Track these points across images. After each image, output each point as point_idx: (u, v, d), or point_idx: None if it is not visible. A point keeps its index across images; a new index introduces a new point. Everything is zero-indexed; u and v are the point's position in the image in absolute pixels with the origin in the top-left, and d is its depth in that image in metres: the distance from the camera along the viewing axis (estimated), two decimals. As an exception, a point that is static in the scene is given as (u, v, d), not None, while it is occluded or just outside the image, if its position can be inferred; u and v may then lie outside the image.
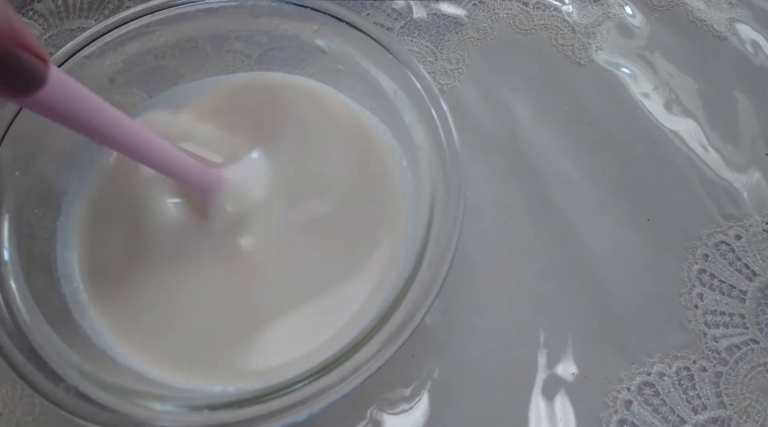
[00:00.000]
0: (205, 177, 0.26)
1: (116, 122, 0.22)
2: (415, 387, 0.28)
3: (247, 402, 0.21)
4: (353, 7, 0.38)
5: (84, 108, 0.20)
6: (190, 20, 0.29)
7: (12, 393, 0.27)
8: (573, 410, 0.28)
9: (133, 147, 0.23)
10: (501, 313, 0.29)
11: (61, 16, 0.37)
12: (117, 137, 0.22)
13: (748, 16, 0.38)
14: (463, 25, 0.37)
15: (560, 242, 0.31)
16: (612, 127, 0.34)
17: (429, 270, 0.23)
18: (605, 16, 0.38)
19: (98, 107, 0.21)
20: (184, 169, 0.25)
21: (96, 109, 0.21)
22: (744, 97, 0.36)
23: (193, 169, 0.25)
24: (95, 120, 0.21)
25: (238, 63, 0.31)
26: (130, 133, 0.22)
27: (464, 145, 0.33)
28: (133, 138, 0.22)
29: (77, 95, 0.20)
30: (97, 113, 0.21)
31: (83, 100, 0.20)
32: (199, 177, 0.26)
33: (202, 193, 0.27)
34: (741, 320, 0.30)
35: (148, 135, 0.23)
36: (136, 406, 0.21)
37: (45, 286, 0.25)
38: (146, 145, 0.23)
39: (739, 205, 0.33)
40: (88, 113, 0.20)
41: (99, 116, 0.21)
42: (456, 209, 0.24)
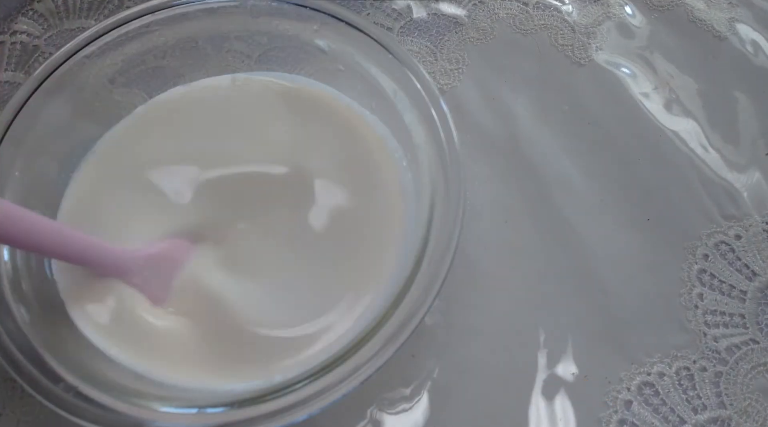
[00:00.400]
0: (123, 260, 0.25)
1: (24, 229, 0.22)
2: (415, 387, 0.28)
3: (247, 402, 0.21)
4: (353, 7, 0.38)
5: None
6: (190, 20, 0.29)
7: (12, 393, 0.27)
8: (573, 410, 0.28)
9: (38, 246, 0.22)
10: (501, 313, 0.29)
11: (61, 16, 0.37)
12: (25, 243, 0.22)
13: (748, 16, 0.38)
14: (463, 25, 0.37)
15: (560, 242, 0.31)
16: (612, 127, 0.34)
17: (429, 270, 0.23)
18: (605, 16, 0.38)
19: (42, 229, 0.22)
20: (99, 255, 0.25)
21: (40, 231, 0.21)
22: (744, 97, 0.36)
23: (110, 254, 0.25)
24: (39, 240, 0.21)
25: (238, 63, 0.31)
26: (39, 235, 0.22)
27: (464, 145, 0.33)
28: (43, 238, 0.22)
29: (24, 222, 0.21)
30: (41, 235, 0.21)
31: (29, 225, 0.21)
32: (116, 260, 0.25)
33: (123, 277, 0.26)
34: (741, 320, 0.30)
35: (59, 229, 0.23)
36: (136, 406, 0.21)
37: (44, 286, 0.25)
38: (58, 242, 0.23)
39: (739, 205, 0.33)
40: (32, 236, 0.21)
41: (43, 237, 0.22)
42: (456, 209, 0.24)
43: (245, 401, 0.22)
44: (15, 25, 0.36)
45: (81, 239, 0.24)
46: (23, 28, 0.36)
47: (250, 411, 0.21)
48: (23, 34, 0.36)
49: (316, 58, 0.30)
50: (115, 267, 0.25)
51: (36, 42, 0.36)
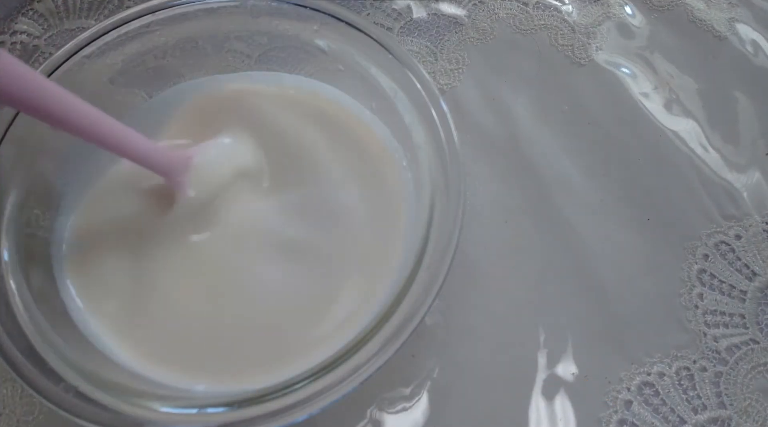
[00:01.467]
0: (168, 159, 0.26)
1: (69, 105, 0.21)
2: (415, 387, 0.28)
3: (247, 402, 0.21)
4: (353, 7, 0.38)
5: (35, 91, 0.20)
6: (190, 20, 0.29)
7: (12, 393, 0.27)
8: (573, 410, 0.28)
9: (88, 130, 0.22)
10: (501, 313, 0.29)
11: (61, 16, 0.37)
12: (71, 120, 0.22)
13: (748, 16, 0.38)
14: (463, 25, 0.37)
15: (560, 242, 0.31)
16: (612, 127, 0.34)
17: (429, 270, 0.23)
18: (605, 16, 0.38)
19: (50, 90, 0.21)
20: (144, 151, 0.25)
21: (48, 92, 0.21)
22: (744, 97, 0.36)
23: (155, 151, 0.25)
24: (48, 103, 0.21)
25: (238, 63, 0.31)
26: (84, 116, 0.22)
27: (464, 145, 0.33)
28: (88, 121, 0.22)
29: (28, 78, 0.20)
30: (49, 96, 0.21)
31: (34, 83, 0.20)
32: (161, 159, 0.25)
33: (168, 176, 0.26)
34: (741, 320, 0.30)
35: (105, 118, 0.23)
36: (136, 406, 0.21)
37: (44, 286, 0.25)
38: (102, 127, 0.23)
39: (739, 205, 0.33)
40: (40, 96, 0.20)
41: (51, 100, 0.21)
42: (456, 209, 0.24)
43: (245, 401, 0.22)
44: (15, 25, 0.36)
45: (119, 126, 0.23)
46: (23, 28, 0.36)
47: (250, 411, 0.21)
48: (23, 34, 0.36)
49: (316, 58, 0.30)
50: (160, 164, 0.25)
51: (36, 42, 0.36)
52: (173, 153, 0.26)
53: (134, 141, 0.24)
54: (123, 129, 0.24)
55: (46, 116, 0.21)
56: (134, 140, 0.24)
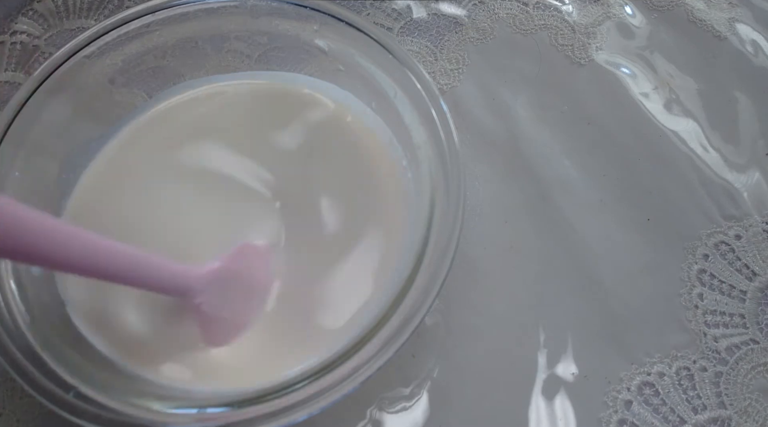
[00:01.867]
0: (185, 281, 0.23)
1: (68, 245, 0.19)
2: (415, 387, 0.28)
3: (247, 402, 0.21)
4: (353, 7, 0.38)
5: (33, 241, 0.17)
6: (190, 20, 0.29)
7: (12, 393, 0.27)
8: (573, 410, 0.27)
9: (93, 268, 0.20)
10: (501, 313, 0.29)
11: (61, 16, 0.37)
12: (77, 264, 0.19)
13: (748, 16, 0.38)
14: (463, 25, 0.37)
15: (560, 242, 0.31)
16: (612, 127, 0.34)
17: (429, 270, 0.23)
18: (605, 16, 0.38)
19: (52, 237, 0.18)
20: (157, 281, 0.22)
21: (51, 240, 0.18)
22: (744, 97, 0.36)
23: (169, 271, 0.22)
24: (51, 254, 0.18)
25: (238, 63, 0.31)
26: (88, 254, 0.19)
27: (464, 145, 0.33)
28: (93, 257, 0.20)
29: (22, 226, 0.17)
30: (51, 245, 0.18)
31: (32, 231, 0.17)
32: (176, 283, 0.23)
33: (185, 298, 0.23)
34: (741, 320, 0.30)
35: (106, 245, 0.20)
36: (136, 406, 0.21)
37: (45, 286, 0.25)
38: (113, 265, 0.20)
39: (739, 205, 0.33)
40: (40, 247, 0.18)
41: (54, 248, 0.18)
42: (456, 209, 0.24)
43: (245, 401, 0.22)
44: (15, 25, 0.36)
45: (124, 252, 0.21)
46: (23, 28, 0.36)
47: (250, 411, 0.21)
48: (23, 34, 0.36)
49: (316, 58, 0.30)
50: (169, 285, 0.23)
51: (36, 42, 0.36)
52: (189, 270, 0.23)
53: (148, 270, 0.22)
54: (131, 256, 0.21)
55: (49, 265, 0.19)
56: (147, 270, 0.22)
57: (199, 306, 0.24)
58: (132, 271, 0.21)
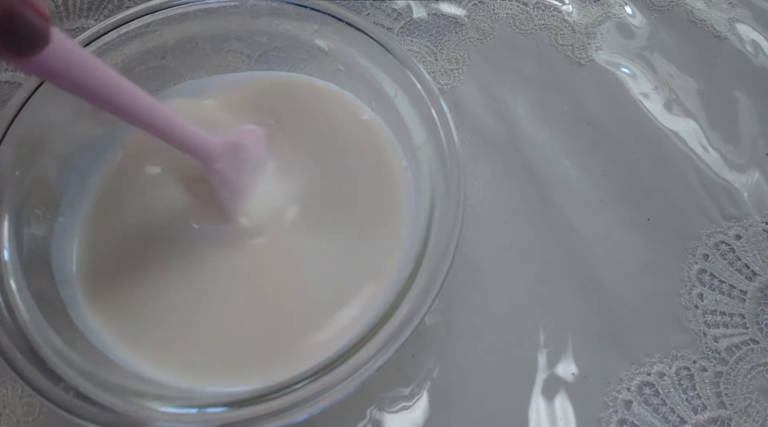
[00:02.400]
0: (205, 143, 0.26)
1: (117, 86, 0.21)
2: (415, 387, 0.28)
3: (247, 402, 0.21)
4: (353, 7, 0.38)
5: (84, 71, 0.20)
6: (190, 20, 0.29)
7: (12, 393, 0.27)
8: (573, 410, 0.27)
9: (133, 112, 0.22)
10: (501, 313, 0.29)
11: (61, 16, 0.37)
12: (118, 102, 0.22)
13: (748, 16, 0.38)
14: (463, 25, 0.37)
15: (560, 242, 0.31)
16: (612, 127, 0.34)
17: (429, 270, 0.23)
18: (605, 16, 0.38)
19: (99, 70, 0.20)
20: (180, 133, 0.25)
21: (97, 72, 0.20)
22: (744, 97, 0.36)
23: (192, 135, 0.25)
24: (96, 84, 0.20)
25: (238, 63, 0.31)
26: (131, 99, 0.22)
27: (464, 145, 0.33)
28: (134, 103, 0.22)
29: (78, 57, 0.19)
30: (97, 77, 0.20)
31: (83, 62, 0.20)
32: (198, 142, 0.25)
33: (204, 161, 0.26)
34: (741, 320, 0.30)
35: (149, 100, 0.23)
36: (136, 406, 0.21)
37: (45, 286, 0.25)
38: (147, 110, 0.23)
39: (739, 205, 0.33)
40: (89, 76, 0.20)
41: (99, 80, 0.20)
42: (456, 209, 0.24)
43: (245, 401, 0.22)
44: (15, 25, 0.36)
45: (159, 106, 0.23)
46: (23, 28, 0.36)
47: (250, 411, 0.21)
48: (23, 34, 0.36)
49: (316, 58, 0.30)
50: (198, 147, 0.25)
51: (36, 42, 0.36)
52: (210, 138, 0.26)
53: (170, 121, 0.24)
54: (163, 112, 0.23)
55: (89, 96, 0.21)
56: (170, 121, 0.24)
57: (218, 170, 0.26)
58: (168, 125, 0.24)
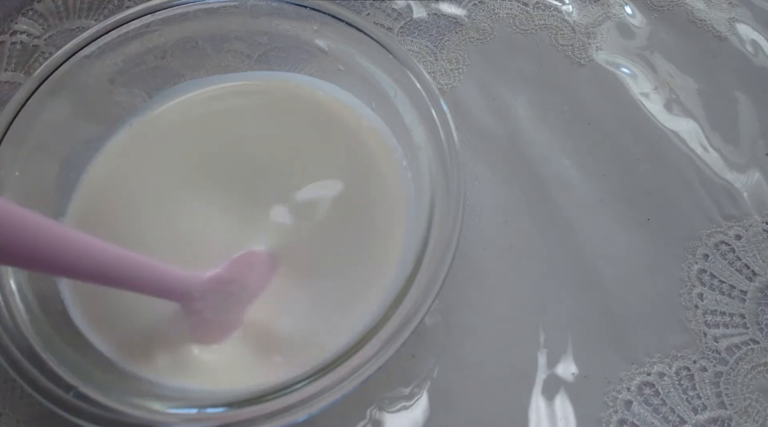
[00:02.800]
0: (183, 283, 0.23)
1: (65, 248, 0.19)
2: (415, 387, 0.28)
3: (247, 402, 0.21)
4: (353, 7, 0.38)
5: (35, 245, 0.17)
6: (190, 20, 0.29)
7: (12, 393, 0.27)
8: (573, 410, 0.27)
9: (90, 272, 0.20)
10: (501, 313, 0.29)
11: (61, 16, 0.37)
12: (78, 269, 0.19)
13: (748, 16, 0.38)
14: (463, 25, 0.37)
15: (560, 242, 0.31)
16: (612, 127, 0.34)
17: (429, 270, 0.23)
18: (605, 16, 0.38)
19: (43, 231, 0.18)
20: (158, 279, 0.22)
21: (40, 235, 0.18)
22: (744, 97, 0.36)
23: (168, 276, 0.23)
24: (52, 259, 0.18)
25: (238, 63, 0.31)
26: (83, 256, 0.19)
27: (464, 145, 0.33)
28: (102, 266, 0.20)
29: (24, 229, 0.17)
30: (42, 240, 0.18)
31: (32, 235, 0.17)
32: (175, 283, 0.23)
33: (183, 302, 0.24)
34: (741, 320, 0.30)
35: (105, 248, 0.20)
36: (135, 406, 0.21)
37: (45, 286, 0.25)
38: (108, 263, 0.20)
39: (739, 205, 0.33)
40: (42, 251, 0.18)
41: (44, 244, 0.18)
42: (456, 209, 0.24)
43: (245, 401, 0.22)
44: (15, 25, 0.36)
45: (126, 257, 0.21)
46: (23, 28, 0.36)
47: (250, 411, 0.21)
48: (23, 34, 0.36)
49: (316, 58, 0.30)
50: (173, 288, 0.23)
51: (36, 42, 0.36)
52: (188, 275, 0.24)
53: (145, 273, 0.22)
54: (133, 262, 0.21)
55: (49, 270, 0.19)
56: (145, 272, 0.22)
57: (197, 312, 0.24)
58: (133, 277, 0.22)
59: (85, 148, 0.28)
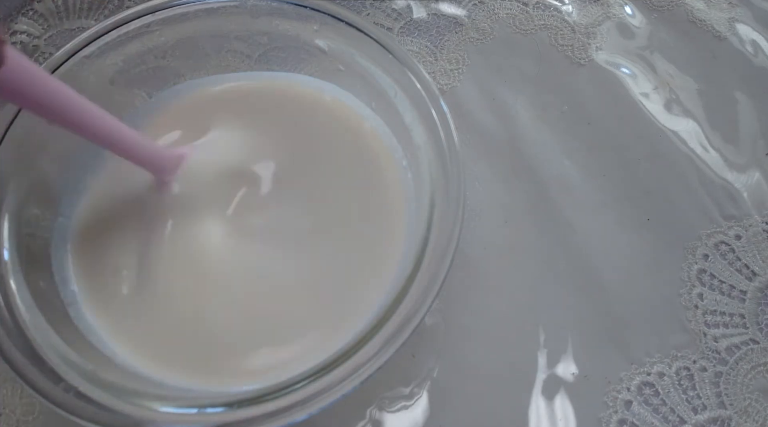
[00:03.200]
0: (159, 156, 0.26)
1: (71, 104, 0.22)
2: (415, 387, 0.28)
3: (247, 402, 0.21)
4: (353, 7, 0.38)
5: (41, 90, 0.21)
6: (190, 20, 0.29)
7: (12, 393, 0.27)
8: (573, 410, 0.28)
9: (87, 126, 0.23)
10: (501, 313, 0.29)
11: (61, 16, 0.37)
12: (72, 119, 0.22)
13: (748, 16, 0.38)
14: (463, 25, 0.37)
15: (560, 242, 0.31)
16: (612, 127, 0.34)
17: (429, 270, 0.23)
18: (605, 16, 0.38)
19: (54, 88, 0.21)
20: (133, 146, 0.25)
21: (52, 90, 0.21)
22: (744, 97, 0.36)
23: (145, 148, 0.26)
24: (52, 102, 0.21)
25: (238, 63, 0.31)
26: (85, 115, 0.23)
27: (464, 145, 0.33)
28: (88, 118, 0.23)
29: (34, 76, 0.20)
30: (53, 94, 0.21)
31: (39, 81, 0.20)
32: (151, 155, 0.26)
33: (158, 174, 0.27)
34: (741, 320, 0.30)
35: (103, 115, 0.23)
36: (136, 406, 0.21)
37: (45, 286, 0.25)
38: (101, 125, 0.23)
39: (739, 205, 0.33)
40: (45, 94, 0.21)
41: (55, 97, 0.21)
42: (456, 209, 0.24)
43: (245, 401, 0.22)
44: (15, 25, 0.36)
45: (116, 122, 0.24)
46: (23, 28, 0.36)
47: (250, 411, 0.21)
48: (23, 34, 0.36)
49: (316, 58, 0.30)
50: (151, 160, 0.26)
51: (36, 42, 0.36)
52: (165, 151, 0.27)
53: (125, 136, 0.24)
54: (115, 124, 0.24)
55: (44, 111, 0.22)
56: (125, 135, 0.24)
57: (168, 184, 0.27)
58: (120, 139, 0.24)
59: (85, 149, 0.28)
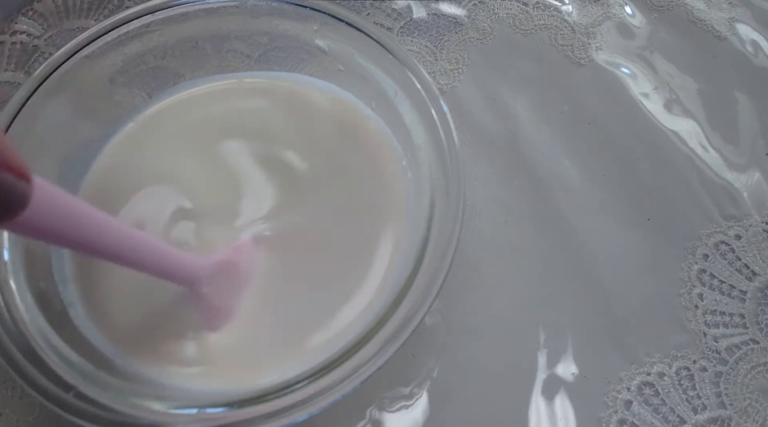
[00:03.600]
0: (194, 268, 0.24)
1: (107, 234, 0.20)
2: (415, 387, 0.28)
3: (247, 402, 0.21)
4: (353, 7, 0.38)
5: (68, 224, 0.18)
6: (190, 20, 0.29)
7: (12, 393, 0.27)
8: (573, 410, 0.28)
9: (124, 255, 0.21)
10: (501, 313, 0.29)
11: (61, 16, 0.37)
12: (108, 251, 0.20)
13: (748, 16, 0.38)
14: (463, 25, 0.37)
15: (560, 242, 0.31)
16: (612, 127, 0.34)
17: (429, 270, 0.23)
18: (605, 16, 0.38)
19: (86, 220, 0.19)
20: (175, 264, 0.23)
21: (83, 222, 0.19)
22: (744, 97, 0.36)
23: (184, 262, 0.24)
24: (82, 236, 0.19)
25: (238, 63, 0.31)
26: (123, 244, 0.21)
27: (464, 145, 0.33)
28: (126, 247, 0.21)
29: (61, 211, 0.18)
30: (84, 228, 0.19)
31: (67, 215, 0.18)
32: (188, 269, 0.24)
33: (193, 287, 0.24)
34: (741, 320, 0.30)
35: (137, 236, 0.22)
36: (135, 406, 0.21)
37: (45, 286, 0.25)
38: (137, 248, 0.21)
39: (739, 205, 0.33)
40: (74, 229, 0.18)
41: (86, 231, 0.19)
42: (456, 209, 0.24)
43: (245, 401, 0.22)
44: (15, 25, 0.36)
45: (144, 239, 0.22)
46: (23, 28, 0.36)
47: (250, 411, 0.21)
48: (23, 34, 0.36)
49: (316, 58, 0.30)
50: (183, 274, 0.24)
51: (36, 42, 0.36)
52: (197, 260, 0.25)
53: (159, 257, 0.22)
54: (151, 245, 0.22)
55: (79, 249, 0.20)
56: (160, 256, 0.23)
57: (206, 295, 0.24)
58: (146, 255, 0.22)
59: (85, 149, 0.28)
